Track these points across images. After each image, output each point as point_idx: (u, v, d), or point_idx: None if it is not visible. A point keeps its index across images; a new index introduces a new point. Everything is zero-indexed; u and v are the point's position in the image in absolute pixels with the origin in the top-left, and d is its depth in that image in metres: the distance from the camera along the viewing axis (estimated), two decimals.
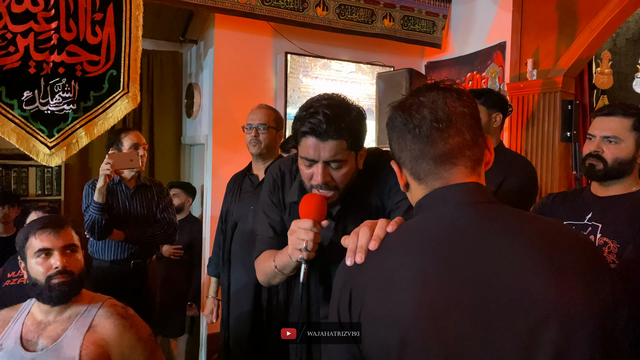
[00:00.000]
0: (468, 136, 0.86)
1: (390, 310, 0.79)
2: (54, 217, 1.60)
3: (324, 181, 1.25)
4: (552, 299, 0.74)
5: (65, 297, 1.48)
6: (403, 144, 0.89)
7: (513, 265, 0.77)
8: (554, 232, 0.83)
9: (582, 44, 3.30)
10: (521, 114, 3.59)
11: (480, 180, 0.88)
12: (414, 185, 0.91)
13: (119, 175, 2.53)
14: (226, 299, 2.18)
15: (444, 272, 0.78)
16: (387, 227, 0.90)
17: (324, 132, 1.22)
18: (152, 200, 2.61)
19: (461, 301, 0.76)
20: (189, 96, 3.97)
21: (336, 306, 0.88)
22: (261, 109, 2.24)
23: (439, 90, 0.88)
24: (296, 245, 1.19)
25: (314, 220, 1.19)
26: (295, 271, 1.27)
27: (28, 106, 2.78)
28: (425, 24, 4.12)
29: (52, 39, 2.80)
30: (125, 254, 2.51)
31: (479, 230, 0.81)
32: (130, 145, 2.52)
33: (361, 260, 0.86)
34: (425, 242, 0.83)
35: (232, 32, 3.61)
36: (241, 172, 2.33)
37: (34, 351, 1.43)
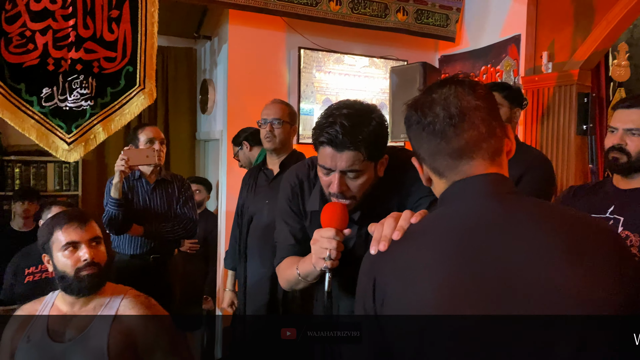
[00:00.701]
0: (483, 129, 0.86)
1: (412, 298, 0.81)
2: (77, 211, 1.64)
3: (340, 190, 1.26)
4: (575, 289, 0.75)
5: (94, 288, 1.52)
6: (420, 141, 0.91)
7: (535, 255, 0.77)
8: (578, 222, 0.83)
9: (598, 36, 3.27)
10: (536, 108, 3.56)
11: (502, 171, 0.88)
12: (435, 180, 0.92)
13: (139, 171, 2.55)
14: (242, 292, 2.20)
15: (466, 261, 0.79)
16: (411, 218, 0.91)
17: (341, 143, 1.23)
18: (172, 196, 2.61)
19: (482, 290, 0.77)
20: (203, 92, 4.00)
21: (361, 295, 0.90)
22: (275, 104, 2.26)
23: (451, 86, 0.89)
24: (320, 255, 1.20)
25: (336, 229, 1.20)
26: (318, 279, 1.28)
27: (47, 103, 2.83)
28: (439, 18, 4.10)
29: (69, 36, 2.84)
30: (144, 249, 2.53)
31: (501, 220, 0.82)
32: (145, 140, 2.54)
33: (384, 248, 0.88)
34: (447, 232, 0.84)
35: (246, 28, 3.62)
36: (256, 166, 2.35)
37: (61, 342, 1.47)
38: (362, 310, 0.90)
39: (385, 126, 1.31)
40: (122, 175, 2.36)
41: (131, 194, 2.52)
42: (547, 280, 0.76)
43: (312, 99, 3.82)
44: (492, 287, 0.77)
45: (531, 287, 0.76)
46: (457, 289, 0.78)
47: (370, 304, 0.87)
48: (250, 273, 2.17)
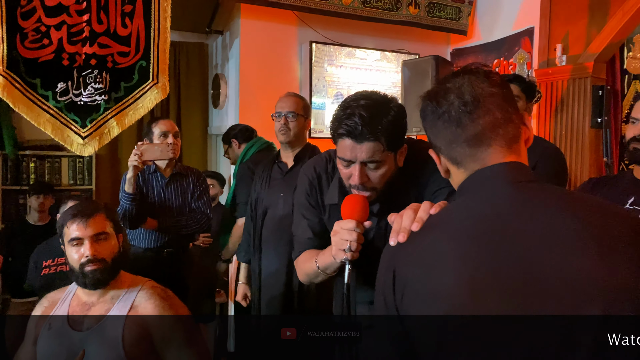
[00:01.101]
0: (499, 115, 0.86)
1: (432, 288, 0.80)
2: (84, 205, 1.62)
3: (361, 182, 1.26)
4: (597, 278, 0.74)
5: (98, 284, 1.54)
6: (436, 131, 0.90)
7: (557, 243, 0.77)
8: (599, 209, 0.82)
9: (613, 27, 3.23)
10: (550, 101, 3.53)
11: (520, 159, 0.88)
12: (453, 170, 0.92)
13: (154, 165, 2.55)
14: (257, 285, 2.21)
15: (486, 250, 0.79)
16: (430, 209, 0.91)
17: (360, 134, 1.22)
18: (187, 190, 2.60)
19: (503, 279, 0.77)
20: (215, 87, 4.01)
21: (381, 287, 0.90)
22: (289, 97, 2.26)
23: (464, 75, 0.89)
24: (340, 246, 1.19)
25: (357, 221, 1.19)
26: (337, 271, 1.27)
27: (62, 97, 2.86)
28: (451, 11, 4.08)
29: (84, 31, 2.86)
30: (158, 243, 2.53)
31: (522, 208, 0.81)
32: (159, 133, 2.53)
33: (403, 239, 0.88)
34: (467, 222, 0.83)
35: (258, 22, 3.63)
36: (270, 159, 2.35)
37: (80, 331, 1.49)
38: (382, 302, 0.89)
39: (404, 116, 1.30)
40: (136, 170, 2.36)
41: (146, 187, 2.52)
42: (570, 267, 0.75)
43: (324, 93, 3.82)
44: (514, 275, 0.77)
45: (553, 274, 0.75)
46: (479, 278, 0.78)
47: (390, 296, 0.87)
48: (265, 266, 2.17)
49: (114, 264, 1.57)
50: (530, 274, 0.76)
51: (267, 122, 3.48)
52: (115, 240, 1.61)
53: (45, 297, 1.63)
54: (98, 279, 1.52)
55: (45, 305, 1.60)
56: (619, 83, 3.71)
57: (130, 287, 1.58)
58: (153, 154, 2.39)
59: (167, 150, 2.41)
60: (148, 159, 2.40)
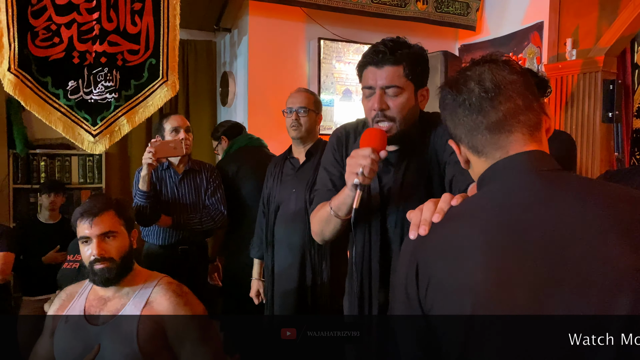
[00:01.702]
0: (520, 102, 0.85)
1: (458, 279, 0.79)
2: (93, 202, 1.61)
3: (380, 107, 1.30)
4: (626, 265, 0.73)
5: (107, 282, 1.54)
6: (456, 120, 0.89)
7: (584, 231, 0.76)
8: (627, 198, 0.81)
9: (624, 21, 3.21)
10: (560, 95, 3.51)
11: (542, 147, 0.87)
12: (474, 160, 0.91)
13: (167, 161, 2.55)
14: (270, 281, 2.21)
15: (512, 239, 0.78)
16: (451, 200, 0.90)
17: (381, 59, 1.29)
18: (200, 186, 2.59)
19: (530, 268, 0.76)
20: (224, 85, 4.02)
21: (403, 281, 0.88)
22: (300, 93, 2.26)
23: (484, 63, 0.89)
24: (353, 169, 1.22)
25: (372, 148, 1.22)
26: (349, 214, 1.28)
27: (73, 95, 2.87)
28: (459, 6, 4.06)
29: (94, 29, 2.87)
30: (172, 239, 2.52)
31: (547, 197, 0.81)
32: (170, 129, 2.53)
33: (425, 232, 0.87)
34: (491, 211, 0.82)
35: (266, 19, 3.63)
36: (281, 155, 2.35)
37: (96, 325, 1.50)
38: (404, 296, 0.88)
39: (427, 57, 1.38)
40: (150, 168, 2.36)
41: (159, 184, 2.52)
42: (598, 256, 0.74)
43: (332, 90, 3.82)
44: (541, 266, 0.76)
45: (581, 264, 0.74)
46: (506, 269, 0.77)
47: (413, 290, 0.86)
48: (278, 262, 2.17)
49: (124, 262, 1.56)
50: (558, 263, 0.75)
51: (276, 119, 3.49)
52: (125, 237, 1.59)
53: (63, 290, 1.65)
54: (107, 278, 1.53)
55: (63, 299, 1.62)
56: (630, 77, 3.68)
57: (146, 282, 1.58)
58: (167, 150, 2.39)
59: (180, 147, 2.41)
60: (162, 156, 2.40)
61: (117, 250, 1.55)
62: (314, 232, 1.46)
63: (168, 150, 2.39)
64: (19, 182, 3.75)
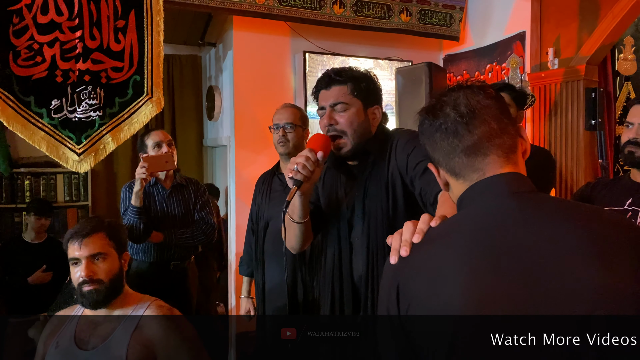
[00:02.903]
0: (495, 125, 0.87)
1: (439, 302, 0.80)
2: (84, 224, 1.61)
3: (329, 122, 1.43)
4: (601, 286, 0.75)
5: (96, 304, 1.53)
6: (434, 144, 0.92)
7: (560, 252, 0.78)
8: (601, 219, 0.84)
9: (604, 30, 3.26)
10: (543, 104, 3.55)
11: (518, 169, 0.89)
12: (452, 182, 0.93)
13: (154, 177, 2.55)
14: (261, 298, 2.20)
15: (490, 261, 0.79)
16: (430, 221, 0.91)
17: (328, 81, 1.45)
18: (189, 200, 2.61)
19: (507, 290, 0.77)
20: (210, 99, 4.01)
21: (384, 302, 0.89)
22: (287, 108, 2.26)
23: (460, 89, 0.91)
24: (290, 167, 1.34)
25: (310, 148, 1.36)
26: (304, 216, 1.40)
27: (56, 114, 2.84)
28: (443, 17, 4.10)
29: (77, 47, 2.85)
30: (164, 256, 2.52)
31: (524, 219, 0.82)
32: (153, 144, 2.55)
33: (406, 253, 0.87)
34: (470, 233, 0.84)
35: (250, 34, 3.63)
36: (269, 171, 2.35)
37: (86, 349, 1.48)
38: (386, 318, 0.89)
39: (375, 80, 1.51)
40: (143, 183, 2.37)
41: (148, 200, 2.51)
42: (574, 276, 0.76)
43: None
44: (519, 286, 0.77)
45: (558, 284, 0.76)
46: (485, 290, 0.78)
47: (394, 311, 0.87)
48: (269, 278, 2.16)
49: (113, 284, 1.55)
50: (535, 284, 0.77)
51: (262, 133, 3.49)
52: (115, 260, 1.58)
53: (54, 316, 1.63)
54: (95, 300, 1.52)
55: (54, 324, 1.60)
56: (612, 85, 3.74)
57: (137, 305, 1.56)
58: (159, 165, 2.42)
59: (172, 160, 2.45)
60: (155, 171, 2.42)
61: (106, 273, 1.54)
62: (286, 241, 1.53)
63: (161, 165, 2.42)
64: (3, 201, 3.71)
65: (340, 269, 1.48)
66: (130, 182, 2.56)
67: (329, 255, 1.51)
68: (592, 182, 1.86)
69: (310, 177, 1.34)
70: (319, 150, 1.35)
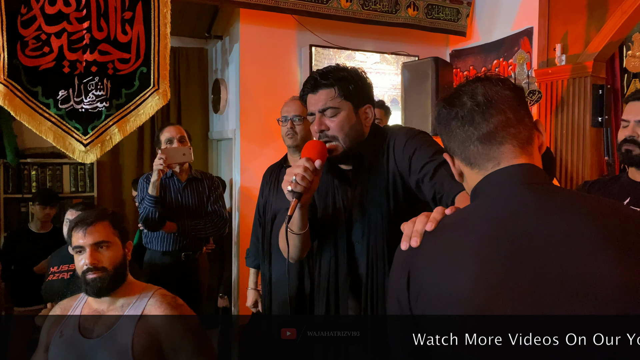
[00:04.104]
0: (511, 115, 0.87)
1: (449, 289, 0.81)
2: (87, 213, 1.62)
3: (319, 128, 1.37)
4: (615, 280, 0.74)
5: (100, 292, 1.53)
6: (450, 133, 0.92)
7: (573, 246, 0.77)
8: (620, 214, 0.83)
9: (612, 26, 3.25)
10: (550, 100, 3.54)
11: (532, 161, 0.88)
12: (467, 172, 0.93)
13: (171, 169, 2.61)
14: (268, 290, 2.20)
15: (502, 251, 0.79)
16: (444, 212, 0.92)
17: (314, 84, 1.38)
18: (203, 193, 2.68)
19: (519, 281, 0.77)
20: (216, 92, 4.01)
21: (395, 289, 0.90)
22: (295, 101, 2.25)
23: (478, 80, 0.91)
24: (288, 179, 1.28)
25: (307, 157, 1.29)
26: (303, 227, 1.36)
27: (63, 105, 2.85)
28: (450, 12, 4.09)
29: (84, 38, 2.86)
30: (177, 246, 2.60)
31: (538, 210, 0.82)
32: (165, 140, 2.61)
33: (416, 243, 0.88)
34: (483, 223, 0.84)
35: (257, 27, 3.63)
36: (277, 163, 2.34)
37: (90, 338, 1.49)
38: (396, 304, 0.90)
39: (365, 78, 1.43)
40: (161, 174, 2.44)
41: (164, 192, 2.59)
42: (586, 269, 0.75)
43: None
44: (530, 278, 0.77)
45: (570, 277, 0.76)
46: (495, 280, 0.78)
47: (404, 298, 0.87)
48: (276, 270, 2.17)
49: (117, 272, 1.56)
50: (547, 276, 0.76)
51: (268, 126, 3.49)
52: (119, 248, 1.59)
53: (58, 305, 1.64)
54: (99, 288, 1.52)
55: (57, 313, 1.61)
56: (619, 82, 3.72)
57: (140, 295, 1.57)
58: (177, 157, 2.49)
59: (189, 154, 2.52)
60: (172, 162, 2.49)
61: (110, 260, 1.55)
62: (281, 249, 1.48)
63: (178, 157, 2.50)
64: (10, 191, 3.72)
65: (337, 274, 1.44)
66: (148, 174, 2.62)
67: (324, 261, 1.47)
68: (590, 181, 1.84)
69: (310, 187, 1.29)
70: (316, 159, 1.29)
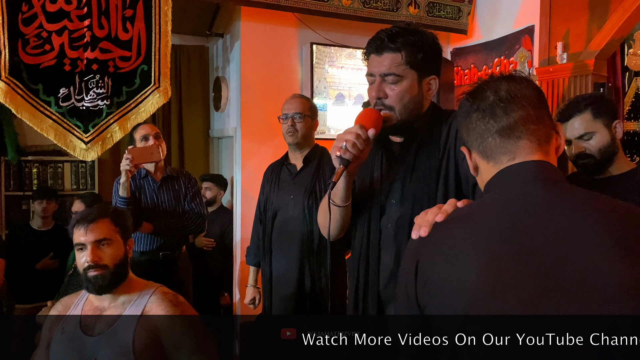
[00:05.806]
0: (532, 112, 0.88)
1: (455, 280, 0.81)
2: (89, 210, 1.64)
3: (378, 95, 1.27)
4: (621, 279, 0.74)
5: (101, 289, 1.54)
6: (470, 125, 0.93)
7: (581, 243, 0.77)
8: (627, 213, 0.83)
9: (614, 24, 3.24)
10: (551, 98, 3.53)
11: (548, 159, 0.89)
12: (482, 165, 0.93)
13: (145, 169, 2.58)
14: (268, 288, 2.21)
15: (511, 245, 0.80)
16: (456, 204, 0.93)
17: (381, 45, 1.26)
18: (179, 192, 2.66)
19: (524, 274, 0.77)
20: (217, 90, 4.01)
21: (403, 277, 0.92)
22: (296, 99, 2.26)
23: (502, 78, 0.93)
24: (338, 143, 1.20)
25: (360, 124, 1.20)
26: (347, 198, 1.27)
27: (64, 103, 2.85)
28: (451, 10, 4.08)
29: (85, 36, 2.86)
30: (154, 246, 2.58)
31: (549, 207, 0.82)
32: (140, 138, 2.60)
33: (425, 233, 0.90)
34: (493, 216, 0.85)
35: (258, 25, 3.63)
36: (278, 161, 2.35)
37: (92, 335, 1.50)
38: (403, 291, 0.91)
39: (437, 43, 1.32)
40: (129, 175, 2.41)
41: (139, 192, 2.57)
42: (593, 267, 0.76)
43: (325, 95, 3.82)
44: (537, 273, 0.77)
45: (576, 274, 0.76)
46: (502, 273, 0.79)
47: (412, 285, 0.89)
48: (276, 268, 2.18)
49: (118, 269, 1.57)
50: (553, 272, 0.77)
51: (269, 124, 3.49)
52: (121, 245, 1.61)
53: (59, 302, 1.65)
54: (100, 285, 1.53)
55: (59, 310, 1.62)
56: (620, 80, 3.71)
57: (141, 292, 1.58)
58: (144, 156, 2.43)
59: (157, 152, 2.46)
60: (139, 162, 2.43)
61: (111, 258, 1.56)
62: (319, 225, 1.42)
63: (146, 156, 2.43)
64: (11, 189, 3.73)
65: (368, 255, 1.34)
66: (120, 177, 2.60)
67: (357, 240, 1.37)
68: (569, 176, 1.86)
69: (359, 157, 1.19)
70: (370, 128, 1.20)
